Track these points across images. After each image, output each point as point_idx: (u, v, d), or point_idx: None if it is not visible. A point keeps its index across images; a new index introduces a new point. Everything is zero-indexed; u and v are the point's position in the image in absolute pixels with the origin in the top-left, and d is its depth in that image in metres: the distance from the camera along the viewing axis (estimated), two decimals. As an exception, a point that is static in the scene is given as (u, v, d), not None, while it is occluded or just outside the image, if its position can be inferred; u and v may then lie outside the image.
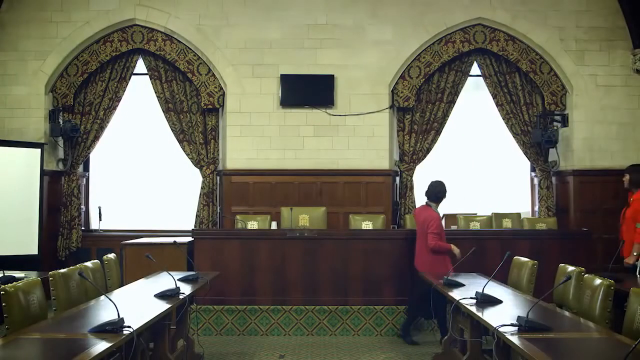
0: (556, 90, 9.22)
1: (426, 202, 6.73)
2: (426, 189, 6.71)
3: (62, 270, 4.77)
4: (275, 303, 7.07)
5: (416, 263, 6.73)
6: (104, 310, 4.12)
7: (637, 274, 6.11)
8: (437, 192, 6.62)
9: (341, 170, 9.09)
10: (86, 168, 9.63)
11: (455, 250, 6.51)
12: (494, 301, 4.58)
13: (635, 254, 6.22)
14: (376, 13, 9.24)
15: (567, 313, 4.47)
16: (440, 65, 9.25)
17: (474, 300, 4.61)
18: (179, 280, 5.23)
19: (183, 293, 4.91)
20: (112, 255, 5.95)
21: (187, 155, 9.25)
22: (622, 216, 6.71)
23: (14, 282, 4.10)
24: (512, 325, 3.74)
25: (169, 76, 9.28)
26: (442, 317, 6.54)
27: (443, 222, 8.88)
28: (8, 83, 9.06)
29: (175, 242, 6.76)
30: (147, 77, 9.32)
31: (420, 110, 9.35)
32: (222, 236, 7.53)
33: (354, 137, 9.15)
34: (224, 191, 9.16)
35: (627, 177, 6.66)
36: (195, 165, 9.26)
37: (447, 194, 6.68)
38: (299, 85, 9.11)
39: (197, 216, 9.22)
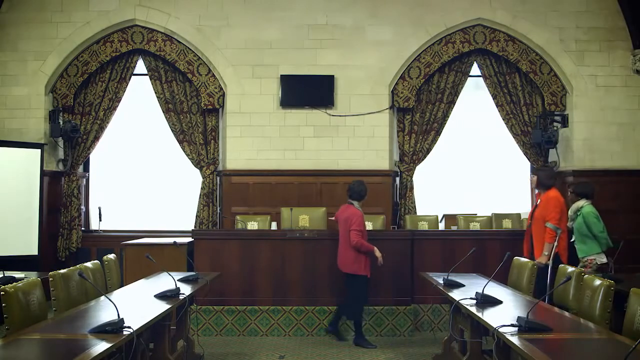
0: (556, 90, 9.22)
1: (348, 201, 6.75)
2: (348, 189, 6.78)
3: (62, 271, 4.77)
4: (275, 303, 7.07)
5: (339, 263, 6.71)
6: (104, 311, 4.12)
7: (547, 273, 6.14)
8: (358, 190, 6.68)
9: (341, 171, 9.08)
10: (86, 168, 9.63)
11: (378, 253, 6.52)
12: (494, 301, 4.58)
13: (546, 253, 6.25)
14: (376, 13, 9.24)
15: (567, 314, 4.47)
16: (440, 65, 9.25)
17: (474, 301, 4.62)
18: (179, 280, 5.24)
19: (183, 293, 4.91)
20: (112, 256, 5.95)
21: (187, 155, 9.25)
22: (529, 217, 6.73)
23: (14, 283, 4.10)
24: (512, 325, 3.74)
25: (169, 76, 9.29)
26: (358, 323, 6.64)
27: (443, 223, 8.96)
28: (8, 83, 9.06)
29: (175, 242, 6.76)
30: (147, 77, 9.32)
31: (420, 110, 9.35)
32: (222, 237, 7.53)
33: (354, 138, 9.15)
34: (224, 192, 9.16)
35: (534, 179, 6.69)
36: (195, 166, 9.26)
37: (367, 193, 6.74)
38: (298, 86, 9.11)
39: (197, 217, 9.22)
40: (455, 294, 4.99)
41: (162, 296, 4.76)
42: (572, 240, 6.68)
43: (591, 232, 6.41)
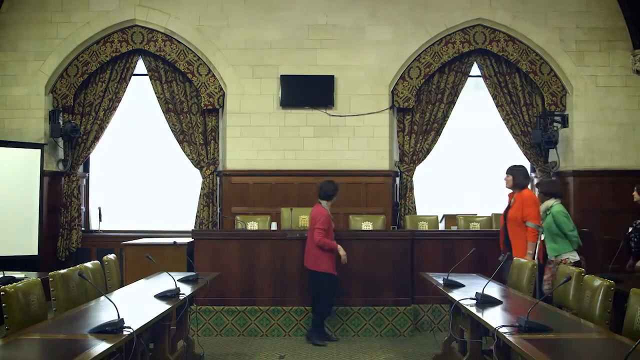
0: (556, 90, 9.22)
1: (318, 201, 6.80)
2: (318, 188, 6.85)
3: (62, 271, 4.77)
4: (275, 304, 7.07)
5: (305, 261, 6.76)
6: (104, 311, 4.12)
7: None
8: (325, 190, 6.76)
9: (341, 171, 9.08)
10: (86, 169, 9.63)
11: (342, 252, 6.59)
12: (494, 302, 4.58)
13: (530, 252, 6.26)
14: (376, 14, 9.24)
15: (567, 314, 4.47)
16: (440, 65, 9.25)
17: (474, 301, 4.61)
18: (179, 280, 5.24)
19: (183, 294, 4.91)
20: (112, 256, 5.95)
21: (187, 155, 9.25)
22: (502, 217, 6.73)
23: (14, 283, 4.10)
24: (512, 325, 3.74)
25: (169, 77, 9.29)
26: (318, 320, 6.71)
27: (443, 223, 8.96)
28: (8, 84, 9.06)
29: (175, 242, 6.76)
30: (147, 77, 9.32)
31: (420, 110, 9.34)
32: (222, 237, 7.54)
33: (354, 138, 9.15)
34: (224, 192, 9.16)
35: (509, 178, 6.68)
36: (195, 166, 9.26)
37: (336, 193, 6.80)
38: (299, 86, 9.11)
39: (197, 217, 9.22)
40: (455, 294, 4.99)
41: (162, 296, 4.76)
42: (542, 239, 6.69)
43: (561, 231, 6.40)
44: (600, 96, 9.14)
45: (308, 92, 9.11)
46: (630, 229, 6.85)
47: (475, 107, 9.60)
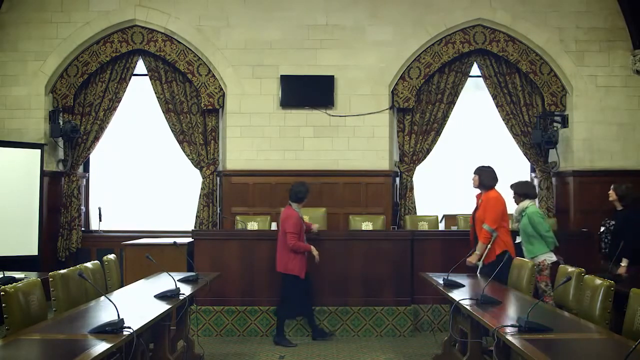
0: (556, 91, 9.22)
1: (289, 203, 6.76)
2: (289, 190, 6.80)
3: (62, 271, 4.77)
4: (275, 304, 7.05)
5: (277, 263, 6.73)
6: (104, 311, 4.12)
7: (477, 273, 6.15)
8: (296, 192, 6.71)
9: (341, 171, 9.09)
10: (86, 169, 9.63)
11: (315, 252, 6.59)
12: (494, 302, 4.58)
13: (478, 253, 6.25)
14: (376, 14, 9.24)
15: (567, 314, 4.47)
16: (440, 66, 9.25)
17: (474, 301, 4.61)
18: (179, 281, 5.24)
19: (183, 294, 4.91)
20: (112, 256, 5.95)
21: (187, 156, 9.25)
22: (471, 218, 6.72)
23: (14, 283, 4.10)
24: (512, 326, 3.74)
25: (169, 77, 9.29)
26: (279, 322, 6.71)
27: (443, 223, 8.95)
28: (8, 84, 9.06)
29: (175, 242, 6.76)
30: (147, 77, 9.32)
31: (420, 111, 9.35)
32: (222, 237, 7.54)
33: (354, 138, 9.15)
34: (224, 192, 9.16)
35: (475, 178, 6.67)
36: (195, 166, 9.26)
37: (307, 195, 6.75)
38: (298, 86, 9.11)
39: (197, 217, 9.22)
40: (455, 294, 4.99)
41: (162, 296, 4.76)
42: (518, 241, 6.68)
43: (537, 232, 6.41)
44: (600, 96, 9.14)
45: (308, 92, 9.11)
46: (602, 229, 6.82)
47: (475, 107, 9.60)
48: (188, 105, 9.28)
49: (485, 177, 6.57)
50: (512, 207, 6.85)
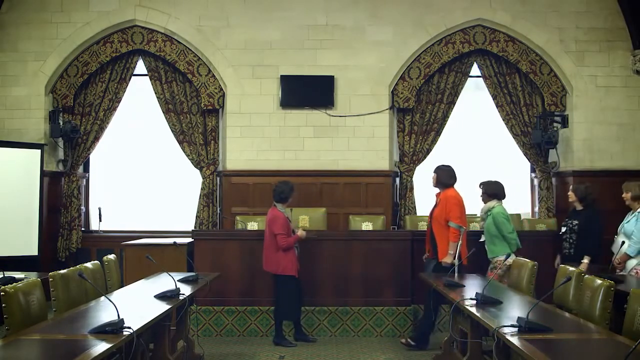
0: (556, 91, 9.22)
1: (273, 203, 6.75)
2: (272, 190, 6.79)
3: (62, 271, 4.77)
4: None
5: (264, 264, 6.70)
6: (104, 311, 4.12)
7: (451, 272, 6.13)
8: (279, 192, 6.68)
9: (341, 171, 9.09)
10: (86, 169, 9.63)
11: (302, 233, 6.65)
12: (494, 302, 4.58)
13: (451, 252, 6.24)
14: (376, 14, 9.24)
15: (567, 314, 4.47)
16: (440, 66, 9.25)
17: (474, 301, 4.61)
18: (179, 281, 5.24)
19: (183, 294, 4.91)
20: (112, 256, 5.95)
21: (187, 156, 9.25)
22: (429, 216, 6.73)
23: (14, 283, 4.10)
24: (512, 326, 3.74)
25: (169, 77, 9.28)
26: (277, 323, 6.68)
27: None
28: (8, 84, 9.06)
29: (175, 243, 6.76)
30: (147, 78, 9.31)
31: (420, 111, 9.34)
32: (222, 237, 7.54)
33: (354, 138, 9.15)
34: (224, 192, 9.16)
35: (434, 176, 6.68)
36: (195, 166, 9.26)
37: (292, 194, 6.72)
38: (298, 86, 9.11)
39: (197, 217, 9.22)
40: (456, 295, 4.99)
41: (162, 296, 4.76)
42: (481, 240, 6.72)
43: (500, 232, 6.42)
44: (600, 96, 9.14)
45: (308, 92, 9.11)
46: (563, 229, 6.82)
47: (475, 107, 9.60)
48: (188, 105, 9.28)
49: (444, 176, 6.60)
50: (478, 206, 6.93)
